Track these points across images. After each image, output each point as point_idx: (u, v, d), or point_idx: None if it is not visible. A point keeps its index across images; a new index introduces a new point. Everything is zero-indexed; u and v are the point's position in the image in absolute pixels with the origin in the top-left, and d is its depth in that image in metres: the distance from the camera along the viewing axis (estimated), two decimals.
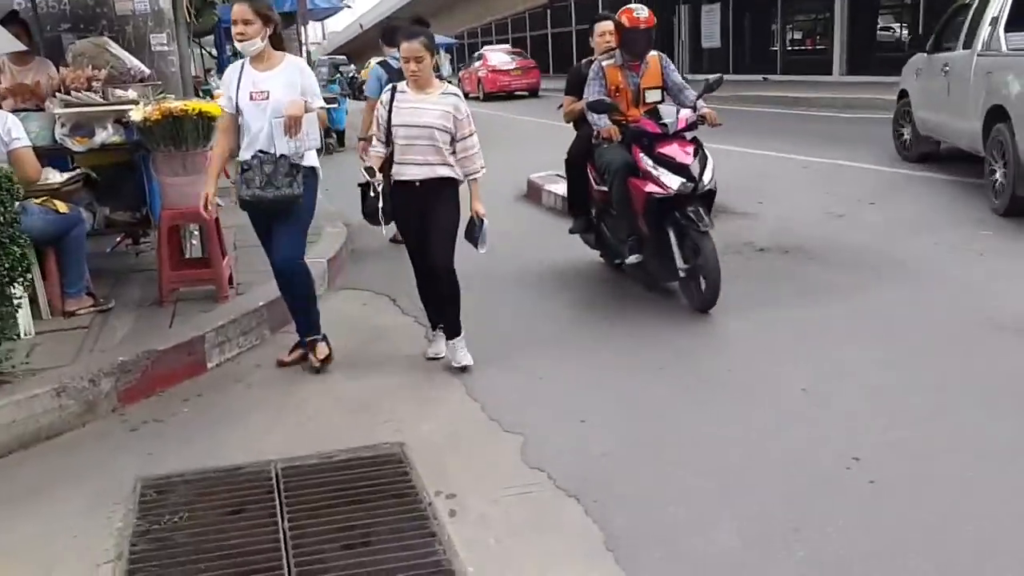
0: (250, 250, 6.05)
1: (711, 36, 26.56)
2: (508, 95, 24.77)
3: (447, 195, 4.03)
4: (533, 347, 4.46)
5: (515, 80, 25.21)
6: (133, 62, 5.61)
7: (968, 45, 7.53)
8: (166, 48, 7.90)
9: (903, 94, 9.33)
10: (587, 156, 5.54)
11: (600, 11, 33.48)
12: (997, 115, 6.54)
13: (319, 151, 4.20)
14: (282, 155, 3.84)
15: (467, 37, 48.31)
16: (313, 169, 4.06)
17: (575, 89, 5.67)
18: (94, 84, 5.02)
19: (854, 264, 5.64)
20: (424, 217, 4.05)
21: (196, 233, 5.26)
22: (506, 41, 44.72)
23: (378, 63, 6.80)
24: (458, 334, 4.21)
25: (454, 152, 3.98)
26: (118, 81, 5.36)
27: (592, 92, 5.19)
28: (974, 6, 7.75)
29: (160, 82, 5.48)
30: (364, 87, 8.71)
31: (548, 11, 37.60)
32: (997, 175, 6.51)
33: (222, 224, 4.87)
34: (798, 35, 25.96)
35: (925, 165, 8.69)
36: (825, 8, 22.54)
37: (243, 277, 5.23)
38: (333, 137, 14.48)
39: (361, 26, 71.46)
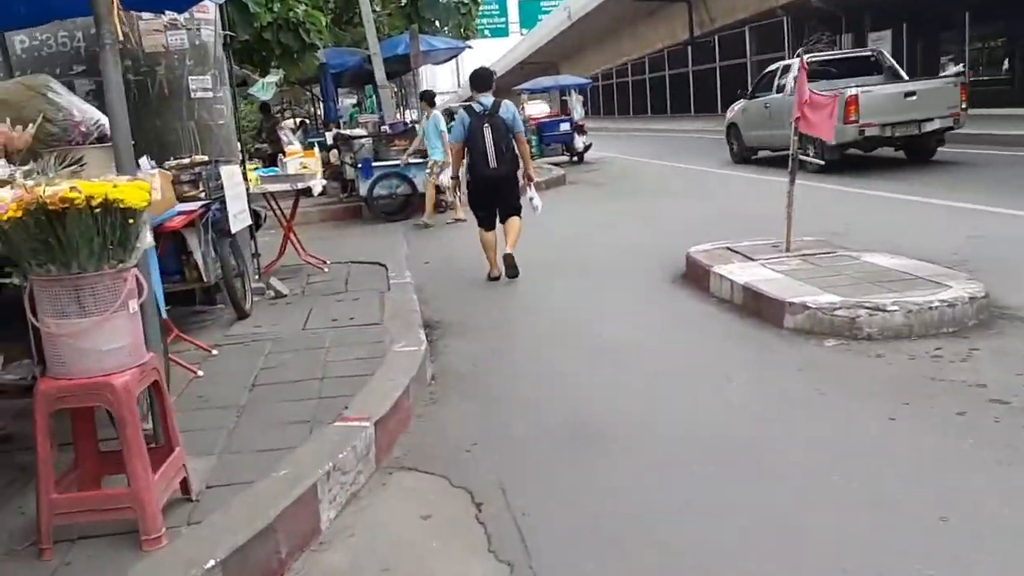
0: (251, 424, 3.89)
1: None
2: None
3: None
4: None
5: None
6: (86, 113, 3.67)
7: (780, 91, 13.14)
8: (210, 94, 6.11)
9: (732, 126, 15.36)
10: None
11: (748, 47, 31.18)
12: None
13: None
14: None
15: (602, 78, 46.48)
16: None
17: None
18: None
19: None
20: None
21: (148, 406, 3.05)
22: (643, 81, 42.55)
23: (463, 106, 7.02)
24: None
25: None
26: (59, 141, 3.44)
27: None
28: (778, 72, 13.68)
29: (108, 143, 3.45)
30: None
31: (689, 48, 35.11)
32: (810, 153, 11.58)
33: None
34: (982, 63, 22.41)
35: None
36: (1012, 29, 19.07)
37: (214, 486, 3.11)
38: (445, 193, 12.56)
39: (496, 72, 71.25)
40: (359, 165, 11.65)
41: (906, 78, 13.25)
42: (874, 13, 23.63)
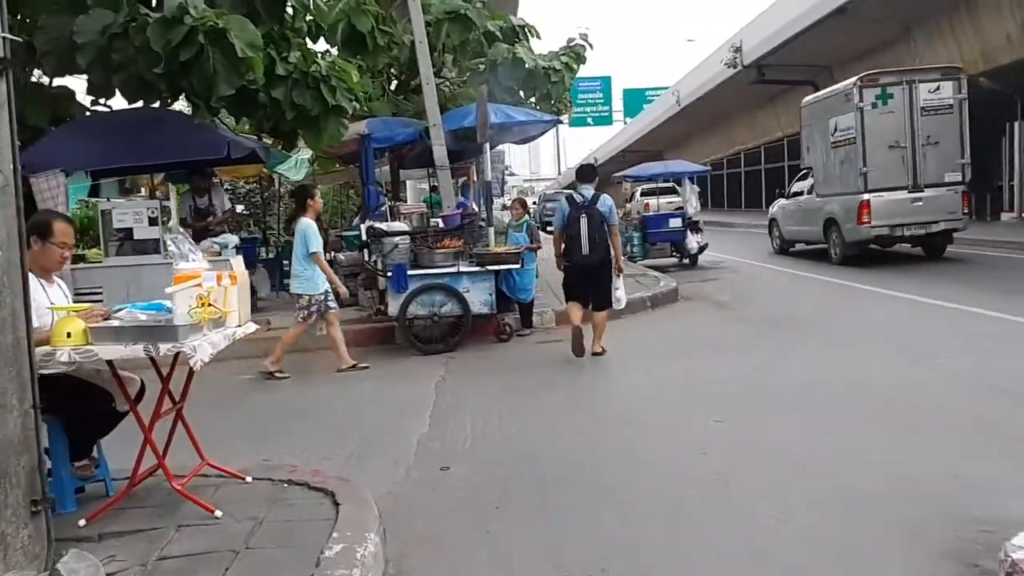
0: None
1: None
2: None
3: None
4: None
5: None
6: None
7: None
8: None
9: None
10: None
11: None
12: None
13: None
14: None
15: (712, 168, 43.00)
16: None
17: None
18: None
19: None
20: None
21: None
22: (757, 172, 38.78)
23: (564, 196, 8.03)
24: None
25: None
26: None
27: None
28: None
29: None
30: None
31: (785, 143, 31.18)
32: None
33: None
34: None
35: None
36: None
37: None
38: (515, 309, 9.02)
39: (596, 159, 69.45)
40: (389, 274, 8.29)
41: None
42: None
